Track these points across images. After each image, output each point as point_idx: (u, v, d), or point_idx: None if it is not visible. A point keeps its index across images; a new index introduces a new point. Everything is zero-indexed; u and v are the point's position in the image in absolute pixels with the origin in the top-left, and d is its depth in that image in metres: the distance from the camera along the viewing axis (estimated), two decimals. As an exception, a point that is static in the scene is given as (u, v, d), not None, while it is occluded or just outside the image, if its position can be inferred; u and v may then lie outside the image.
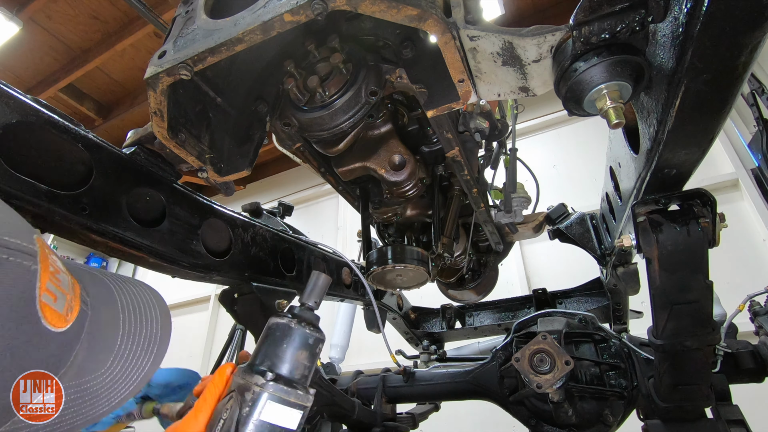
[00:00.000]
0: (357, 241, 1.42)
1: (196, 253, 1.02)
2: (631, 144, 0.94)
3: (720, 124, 0.71)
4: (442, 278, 1.85)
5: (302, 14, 0.63)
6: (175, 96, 0.82)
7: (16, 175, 0.72)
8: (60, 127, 0.81)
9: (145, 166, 0.96)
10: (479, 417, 3.42)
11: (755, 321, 1.57)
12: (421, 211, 1.37)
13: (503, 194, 1.52)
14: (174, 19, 0.82)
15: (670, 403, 1.24)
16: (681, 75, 0.61)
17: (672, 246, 0.90)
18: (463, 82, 0.76)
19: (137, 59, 4.98)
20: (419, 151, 1.25)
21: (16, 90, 0.76)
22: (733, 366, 1.37)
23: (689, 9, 0.54)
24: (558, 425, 1.39)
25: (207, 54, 0.70)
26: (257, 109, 1.02)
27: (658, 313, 1.03)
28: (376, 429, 1.68)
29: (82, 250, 6.92)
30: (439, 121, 1.00)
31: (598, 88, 0.67)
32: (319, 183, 5.72)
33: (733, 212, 3.38)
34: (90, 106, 5.48)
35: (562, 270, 3.70)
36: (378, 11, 0.63)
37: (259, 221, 1.33)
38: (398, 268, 1.15)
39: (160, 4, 4.00)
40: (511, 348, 1.56)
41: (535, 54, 0.72)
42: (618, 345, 1.46)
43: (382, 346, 1.53)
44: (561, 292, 2.06)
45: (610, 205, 1.37)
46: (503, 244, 1.76)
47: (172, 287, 6.00)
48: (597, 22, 0.65)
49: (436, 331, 2.30)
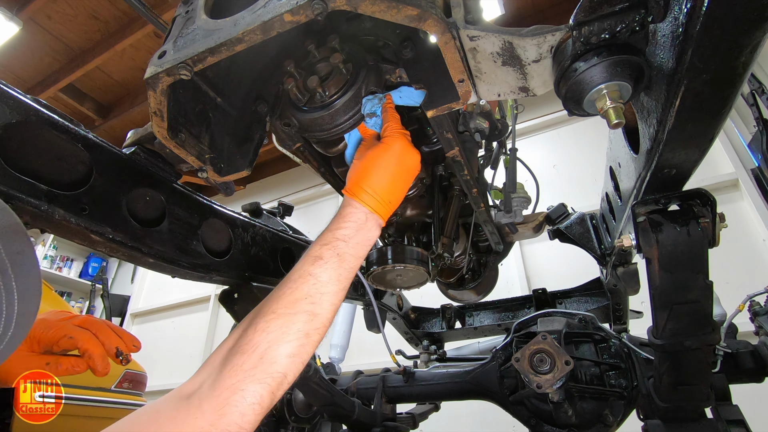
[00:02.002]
0: (357, 241, 1.42)
1: (196, 253, 1.02)
2: (631, 144, 0.94)
3: (720, 124, 0.71)
4: (442, 278, 1.85)
5: (302, 14, 0.64)
6: (175, 96, 0.82)
7: (16, 175, 0.72)
8: (60, 127, 0.81)
9: (145, 166, 0.96)
10: (479, 417, 3.42)
11: (755, 321, 1.56)
12: (421, 211, 1.36)
13: (503, 194, 1.52)
14: (174, 19, 0.82)
15: (670, 403, 1.24)
16: (681, 75, 0.61)
17: (672, 246, 0.90)
18: (463, 82, 0.76)
19: (137, 59, 4.98)
20: (419, 151, 1.25)
21: (16, 90, 0.76)
22: (733, 366, 1.37)
23: (689, 9, 0.54)
24: (558, 425, 1.39)
25: (207, 54, 0.70)
26: (257, 109, 1.02)
27: (658, 313, 1.03)
28: (376, 429, 1.68)
29: (82, 250, 6.92)
30: (439, 121, 1.00)
31: (598, 88, 0.67)
32: (319, 183, 5.72)
33: (733, 212, 3.38)
34: (90, 106, 5.47)
35: (562, 270, 3.70)
36: (378, 11, 0.63)
37: (259, 221, 1.33)
38: (398, 268, 1.15)
39: (160, 4, 3.99)
40: (511, 348, 1.56)
41: (535, 54, 0.72)
42: (618, 345, 1.46)
43: (382, 346, 1.53)
44: (561, 292, 2.05)
45: (610, 205, 1.37)
46: (503, 244, 1.76)
47: (172, 287, 6.04)
48: (597, 22, 0.65)
49: (436, 331, 2.30)
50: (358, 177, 0.84)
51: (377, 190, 0.82)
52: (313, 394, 1.56)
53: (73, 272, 6.82)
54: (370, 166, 0.83)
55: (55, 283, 6.25)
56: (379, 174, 0.83)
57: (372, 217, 0.81)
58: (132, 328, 6.22)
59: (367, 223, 0.80)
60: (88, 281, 6.72)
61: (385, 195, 0.83)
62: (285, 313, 0.68)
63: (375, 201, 0.82)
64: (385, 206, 0.83)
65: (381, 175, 0.83)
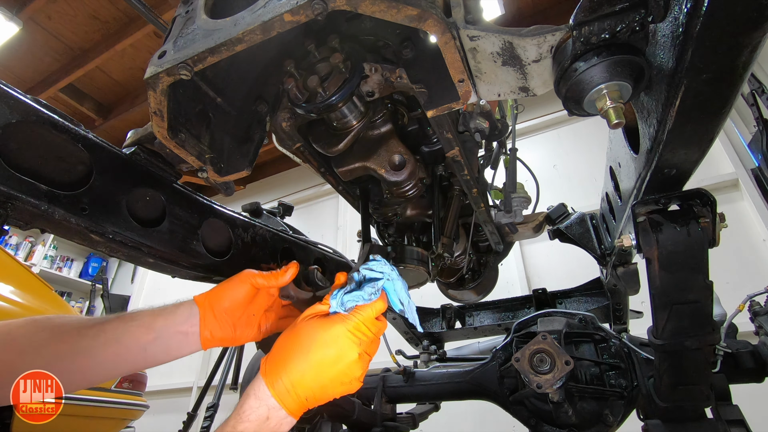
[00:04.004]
0: (357, 241, 1.42)
1: (196, 253, 1.02)
2: (631, 144, 0.94)
3: (720, 124, 0.71)
4: (442, 278, 1.85)
5: (302, 14, 0.63)
6: (175, 96, 0.82)
7: (16, 175, 0.72)
8: (60, 127, 0.81)
9: (145, 166, 0.96)
10: (479, 417, 3.42)
11: (755, 321, 1.56)
12: (421, 211, 1.36)
13: (503, 194, 1.52)
14: (174, 19, 0.82)
15: (670, 403, 1.24)
16: (681, 75, 0.61)
17: (672, 246, 0.90)
18: (463, 82, 0.76)
19: (137, 59, 4.98)
20: (419, 151, 1.25)
21: (16, 90, 0.76)
22: (733, 366, 1.37)
23: (689, 9, 0.54)
24: (558, 425, 1.39)
25: (207, 54, 0.70)
26: (257, 109, 1.02)
27: (658, 313, 1.03)
28: (376, 429, 1.68)
29: (82, 250, 6.92)
30: (439, 121, 1.00)
31: (598, 88, 0.67)
32: (319, 183, 5.72)
33: (733, 212, 3.38)
34: (90, 106, 5.47)
35: (562, 270, 3.70)
36: (378, 11, 0.63)
37: (259, 221, 1.33)
38: (398, 268, 1.15)
39: (160, 4, 4.00)
40: (511, 348, 1.56)
41: (535, 54, 0.72)
42: (618, 345, 1.46)
43: (381, 346, 1.52)
44: (561, 292, 2.05)
45: (610, 205, 1.37)
46: (503, 244, 1.76)
47: (172, 287, 6.03)
48: (597, 22, 0.65)
49: (436, 331, 2.30)
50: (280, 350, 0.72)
51: (294, 378, 0.69)
52: (313, 394, 1.56)
53: (73, 272, 6.82)
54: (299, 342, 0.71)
55: (55, 283, 6.25)
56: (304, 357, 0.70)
57: (278, 413, 0.68)
58: (132, 328, 6.21)
59: (269, 423, 0.67)
60: (88, 281, 6.73)
61: (302, 389, 0.69)
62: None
63: (287, 393, 0.69)
64: (300, 405, 0.70)
65: (306, 360, 0.70)
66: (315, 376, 0.70)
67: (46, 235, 6.23)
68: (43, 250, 6.35)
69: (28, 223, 0.77)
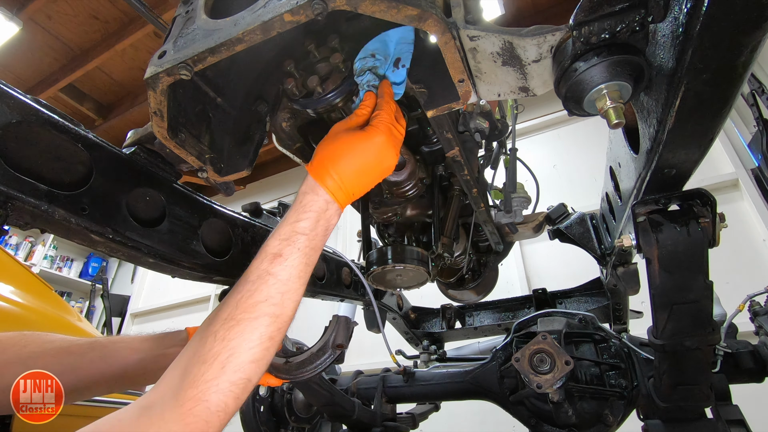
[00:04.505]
0: (357, 241, 1.42)
1: (196, 253, 1.02)
2: (631, 144, 0.94)
3: (720, 124, 0.71)
4: (442, 278, 1.85)
5: (302, 14, 0.64)
6: (175, 96, 0.82)
7: (16, 175, 0.72)
8: (60, 127, 0.81)
9: (145, 166, 0.96)
10: (479, 417, 3.42)
11: (755, 321, 1.56)
12: (421, 211, 1.36)
13: (503, 194, 1.52)
14: (174, 19, 0.82)
15: (670, 403, 1.24)
16: (681, 75, 0.61)
17: (672, 246, 0.90)
18: (463, 82, 0.76)
19: (137, 59, 4.98)
20: (419, 151, 1.25)
21: (16, 90, 0.76)
22: (733, 366, 1.37)
23: (689, 9, 0.54)
24: (558, 425, 1.39)
25: (207, 54, 0.70)
26: (257, 109, 1.02)
27: (658, 313, 1.03)
28: (376, 429, 1.68)
29: (82, 250, 6.92)
30: (439, 121, 1.00)
31: (598, 88, 0.67)
32: (319, 183, 5.70)
33: (733, 212, 3.38)
34: (90, 106, 5.47)
35: (562, 270, 3.70)
36: (378, 11, 0.63)
37: (259, 221, 1.33)
38: (398, 268, 1.15)
39: (160, 4, 3.99)
40: (511, 348, 1.56)
41: (535, 54, 0.72)
42: (618, 345, 1.46)
43: (382, 346, 1.52)
44: (561, 292, 2.05)
45: (610, 205, 1.37)
46: (503, 244, 1.76)
47: (172, 287, 6.03)
48: (597, 22, 0.65)
49: (436, 331, 2.30)
50: (327, 158, 0.79)
51: (344, 178, 0.78)
52: (313, 394, 1.56)
53: (73, 272, 6.82)
54: (343, 151, 0.78)
55: (55, 283, 6.25)
56: (351, 162, 0.78)
57: (333, 205, 0.78)
58: (132, 329, 6.22)
59: (327, 213, 0.77)
60: (88, 281, 6.72)
61: (351, 186, 0.79)
62: (245, 318, 0.65)
63: (339, 189, 0.78)
64: (348, 197, 0.80)
65: (353, 165, 0.78)
66: (360, 176, 0.80)
67: (46, 235, 6.23)
68: (43, 250, 6.35)
69: (28, 223, 0.77)
